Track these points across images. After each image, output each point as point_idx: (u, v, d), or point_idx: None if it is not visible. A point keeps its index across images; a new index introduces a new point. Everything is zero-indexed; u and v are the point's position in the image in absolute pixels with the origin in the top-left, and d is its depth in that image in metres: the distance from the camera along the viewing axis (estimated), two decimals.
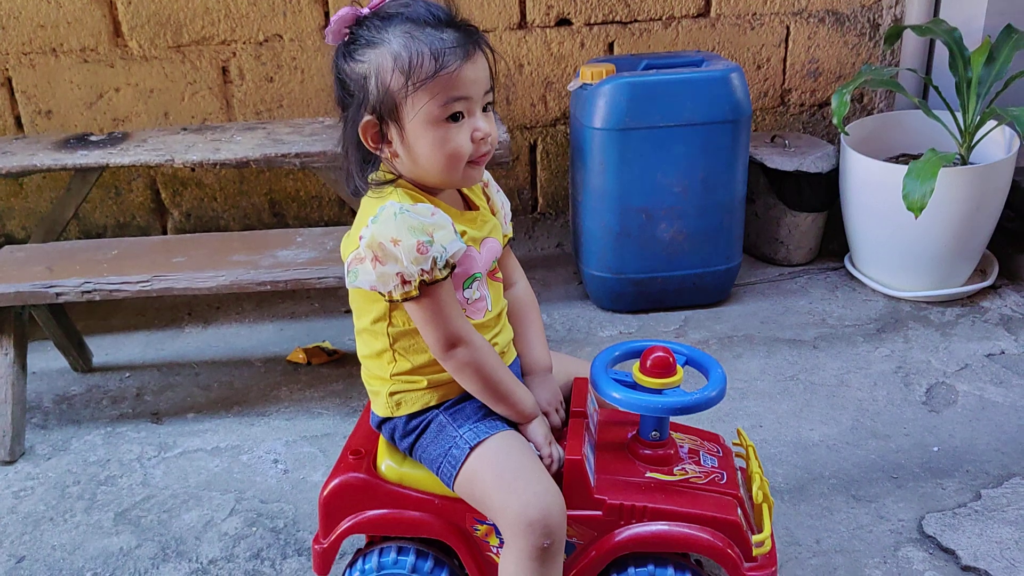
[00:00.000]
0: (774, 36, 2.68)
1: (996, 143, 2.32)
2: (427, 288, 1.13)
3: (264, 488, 1.76)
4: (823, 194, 2.51)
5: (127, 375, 2.21)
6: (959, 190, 2.19)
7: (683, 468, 1.30)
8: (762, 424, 1.87)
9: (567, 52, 2.62)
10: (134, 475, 1.82)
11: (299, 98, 2.59)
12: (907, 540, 1.54)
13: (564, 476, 1.22)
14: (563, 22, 2.59)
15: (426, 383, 1.24)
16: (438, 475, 1.23)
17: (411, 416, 1.26)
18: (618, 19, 2.61)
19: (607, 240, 2.32)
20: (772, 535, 1.28)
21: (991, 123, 2.27)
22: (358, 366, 2.17)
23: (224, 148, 2.05)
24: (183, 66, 2.52)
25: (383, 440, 1.33)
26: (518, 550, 1.15)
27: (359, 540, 1.41)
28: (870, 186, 2.31)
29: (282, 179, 2.69)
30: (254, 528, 1.64)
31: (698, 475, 1.30)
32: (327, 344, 2.29)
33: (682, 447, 1.35)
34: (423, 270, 1.11)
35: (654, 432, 1.30)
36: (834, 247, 2.65)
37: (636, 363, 1.29)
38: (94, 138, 2.15)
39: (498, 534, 1.26)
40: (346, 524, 1.30)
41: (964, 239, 2.27)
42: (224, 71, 2.54)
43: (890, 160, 2.38)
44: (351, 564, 1.33)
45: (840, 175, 2.44)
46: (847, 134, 2.34)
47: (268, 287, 1.84)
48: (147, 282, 1.82)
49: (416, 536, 1.30)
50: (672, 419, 1.38)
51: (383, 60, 1.11)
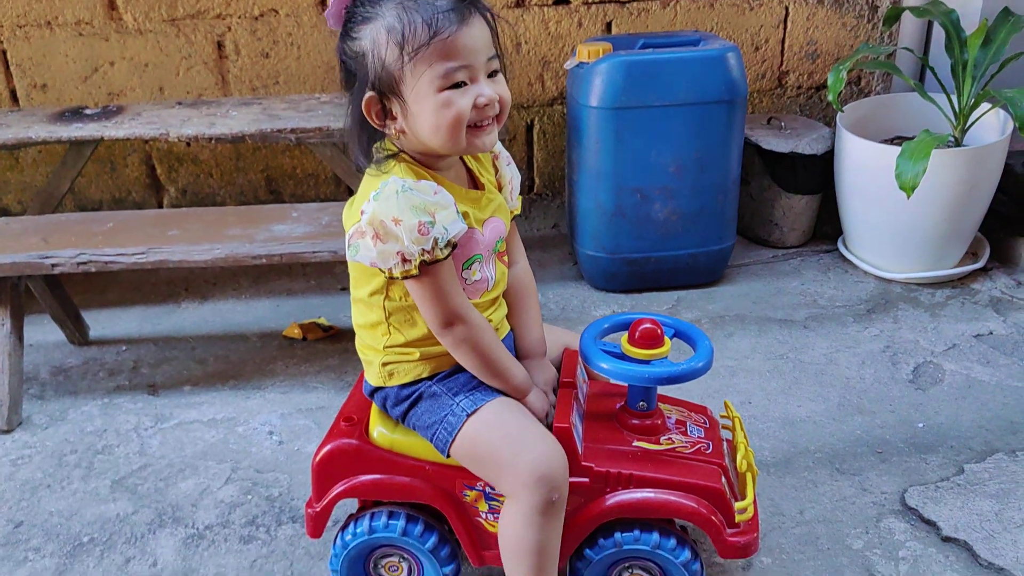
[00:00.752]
0: (772, 17, 2.68)
1: (990, 126, 2.34)
2: (427, 267, 1.14)
3: (259, 458, 1.78)
4: (818, 176, 2.52)
5: (124, 348, 2.23)
6: (952, 172, 2.20)
7: (669, 438, 1.33)
8: (751, 401, 1.90)
9: (564, 31, 2.62)
10: (131, 445, 1.84)
11: (295, 74, 2.59)
12: (889, 512, 1.56)
13: None
14: (561, 1, 2.60)
15: (419, 355, 1.25)
16: (432, 441, 1.25)
17: (403, 386, 1.27)
18: None
19: (601, 219, 2.33)
20: (755, 503, 1.30)
21: (985, 105, 2.28)
22: (353, 342, 2.19)
23: (219, 123, 2.06)
24: (178, 40, 2.52)
25: (375, 408, 1.35)
26: (526, 504, 1.17)
27: (351, 506, 1.43)
28: (864, 167, 2.33)
29: (278, 156, 2.70)
30: (249, 496, 1.67)
31: (684, 445, 1.32)
32: (323, 320, 2.30)
33: (669, 418, 1.38)
34: (424, 250, 1.11)
35: (641, 402, 1.33)
36: (828, 229, 2.66)
37: (625, 335, 1.31)
38: (89, 111, 2.16)
39: (488, 499, 1.29)
40: (338, 489, 1.33)
41: (956, 221, 2.28)
42: (219, 46, 2.54)
43: (885, 142, 2.39)
44: (343, 527, 1.36)
45: (835, 157, 2.45)
46: (842, 110, 2.35)
47: (263, 261, 1.86)
48: (142, 254, 1.83)
49: (407, 501, 1.33)
50: (660, 391, 1.40)
51: (378, 34, 1.11)
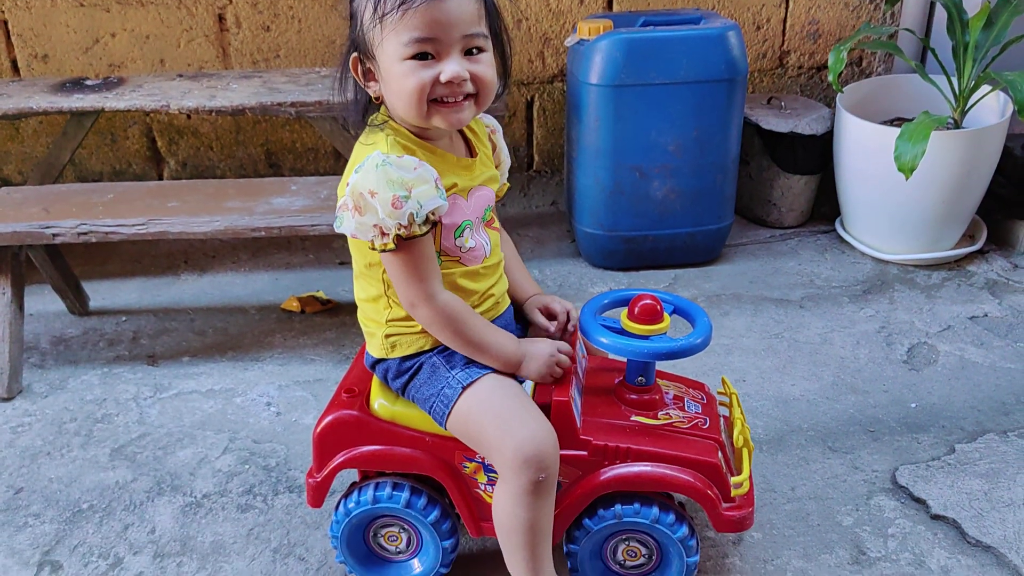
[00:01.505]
0: None
1: (990, 108, 2.34)
2: (403, 243, 1.15)
3: (257, 429, 1.80)
4: (817, 157, 2.53)
5: (123, 319, 2.24)
6: (951, 154, 2.20)
7: (667, 413, 1.34)
8: (745, 379, 1.91)
9: (566, 8, 2.61)
10: (130, 414, 1.85)
11: (296, 48, 2.59)
12: (880, 490, 1.58)
13: (552, 417, 1.25)
14: None
15: (420, 327, 1.26)
16: (430, 414, 1.27)
17: (404, 358, 1.28)
18: None
19: (600, 197, 2.34)
20: (751, 478, 1.32)
21: (986, 88, 2.28)
22: (351, 315, 2.22)
23: (220, 95, 2.06)
24: (179, 12, 2.51)
25: (376, 380, 1.36)
26: (515, 485, 1.18)
27: (350, 476, 1.45)
28: (863, 148, 2.33)
29: (278, 130, 2.70)
30: (247, 466, 1.69)
31: (682, 420, 1.33)
32: (321, 294, 2.32)
33: (667, 393, 1.39)
34: (400, 224, 1.12)
35: (640, 377, 1.34)
36: (826, 210, 2.67)
37: (624, 310, 1.32)
38: (90, 82, 2.16)
39: (487, 471, 1.30)
40: (339, 459, 1.34)
41: (954, 203, 2.29)
42: (220, 19, 2.54)
43: (885, 123, 2.39)
44: (345, 496, 1.37)
45: (834, 137, 2.46)
46: (842, 91, 2.35)
47: (262, 233, 1.86)
48: (142, 225, 1.84)
49: (406, 472, 1.34)
50: (658, 366, 1.41)
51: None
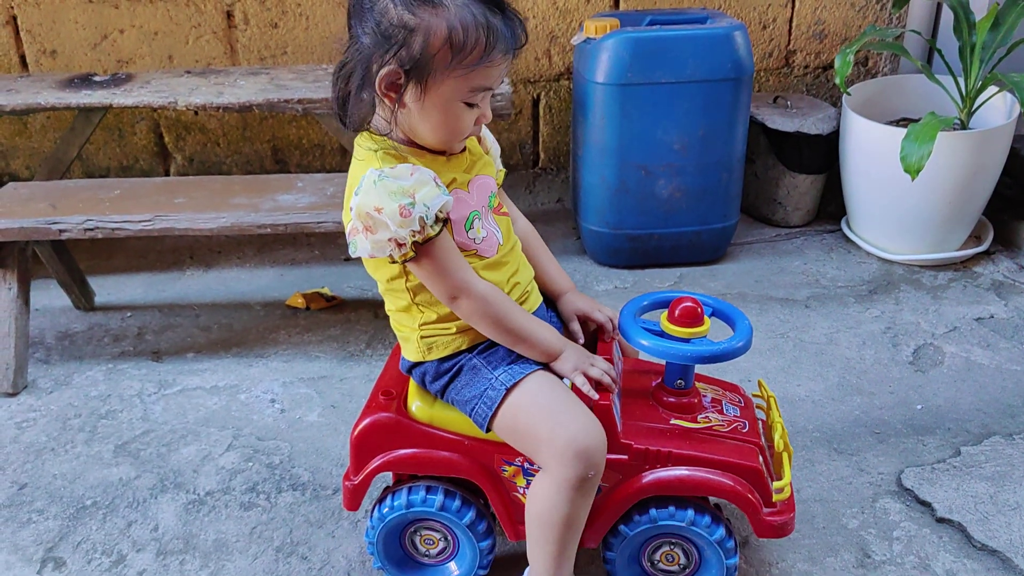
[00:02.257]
0: None
1: (997, 109, 2.33)
2: (422, 247, 1.15)
3: (261, 426, 1.80)
4: (823, 156, 2.52)
5: (128, 315, 2.25)
6: (957, 155, 2.20)
7: (706, 416, 1.33)
8: (750, 379, 1.90)
9: (572, 6, 2.61)
10: (134, 410, 1.86)
11: (304, 45, 2.59)
12: (885, 492, 1.58)
13: None
14: None
15: (455, 328, 1.25)
16: (471, 416, 1.25)
17: (443, 360, 1.27)
18: None
19: (605, 195, 2.34)
20: (791, 483, 1.31)
21: (992, 89, 2.27)
22: (356, 311, 2.22)
23: (227, 92, 2.06)
24: (188, 9, 2.51)
25: (413, 382, 1.35)
26: (561, 478, 1.18)
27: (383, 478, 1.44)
28: (870, 149, 2.32)
29: (285, 126, 2.70)
30: (250, 463, 1.69)
31: (721, 423, 1.32)
32: (326, 290, 2.32)
33: (705, 396, 1.38)
34: (413, 231, 1.12)
35: (679, 380, 1.33)
36: (832, 209, 2.66)
37: (664, 313, 1.31)
38: (98, 78, 2.16)
39: (525, 475, 1.29)
40: (376, 462, 1.33)
41: (960, 204, 2.28)
42: (229, 15, 2.54)
43: (891, 123, 2.38)
44: (380, 501, 1.36)
45: (840, 137, 2.45)
46: (849, 94, 2.35)
47: (268, 230, 1.86)
48: (149, 221, 1.84)
49: (444, 476, 1.33)
50: (696, 369, 1.40)
51: (437, 25, 1.09)
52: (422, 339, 1.27)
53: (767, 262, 2.43)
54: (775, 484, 1.28)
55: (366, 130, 1.21)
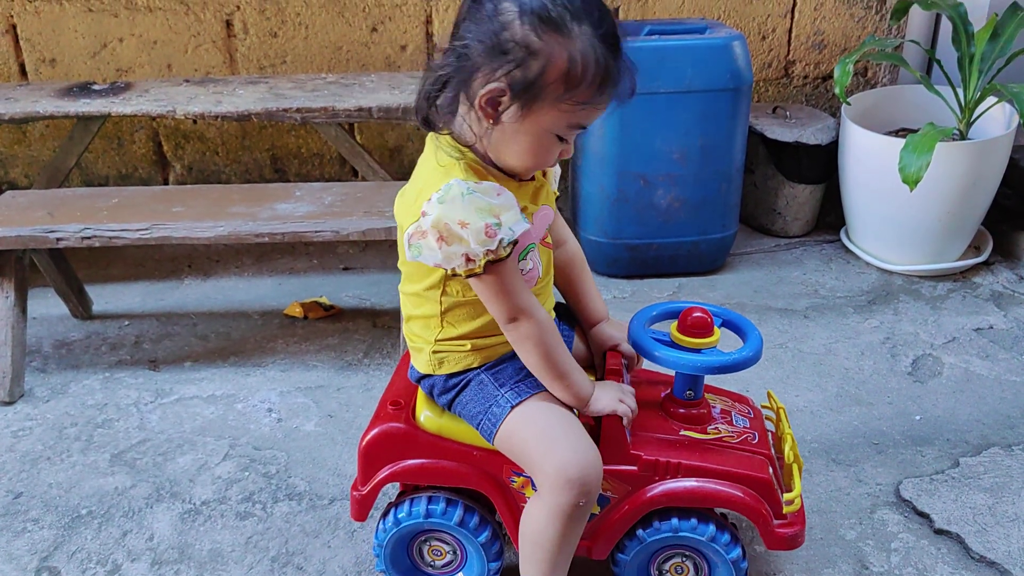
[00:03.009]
0: (780, 6, 2.67)
1: (996, 120, 2.33)
2: (491, 266, 1.12)
3: (258, 435, 1.79)
4: (822, 166, 2.52)
5: (126, 323, 2.24)
6: (956, 165, 2.20)
7: (716, 427, 1.33)
8: (748, 390, 1.89)
9: None
10: (131, 419, 1.85)
11: (303, 54, 2.60)
12: (883, 503, 1.57)
13: (602, 431, 1.24)
14: None
15: (470, 346, 1.24)
16: (478, 430, 1.25)
17: (451, 375, 1.26)
18: None
19: (604, 205, 2.33)
20: (801, 494, 1.31)
21: (991, 99, 2.27)
22: (354, 321, 2.22)
23: (226, 101, 2.06)
24: (187, 18, 2.52)
25: (422, 392, 1.34)
26: (552, 505, 1.17)
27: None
28: (868, 159, 2.32)
29: (284, 135, 2.70)
30: (247, 473, 1.68)
31: (731, 434, 1.32)
32: (324, 299, 2.31)
33: (714, 407, 1.37)
34: (488, 250, 1.10)
35: (688, 391, 1.32)
36: (831, 220, 2.66)
37: (674, 323, 1.31)
38: (97, 87, 2.16)
39: (535, 486, 1.27)
40: (384, 472, 1.31)
41: (959, 215, 2.28)
42: (228, 24, 2.54)
43: (890, 134, 2.38)
44: (386, 512, 1.35)
45: (839, 147, 2.45)
46: (848, 104, 2.35)
47: (266, 239, 1.86)
48: (146, 230, 1.84)
49: (453, 486, 1.32)
50: (705, 379, 1.40)
51: (560, 54, 1.05)
52: (434, 353, 1.26)
53: (766, 272, 2.43)
54: (785, 496, 1.27)
55: (446, 134, 1.16)
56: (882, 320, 2.16)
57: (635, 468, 1.26)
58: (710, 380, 1.44)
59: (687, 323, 1.28)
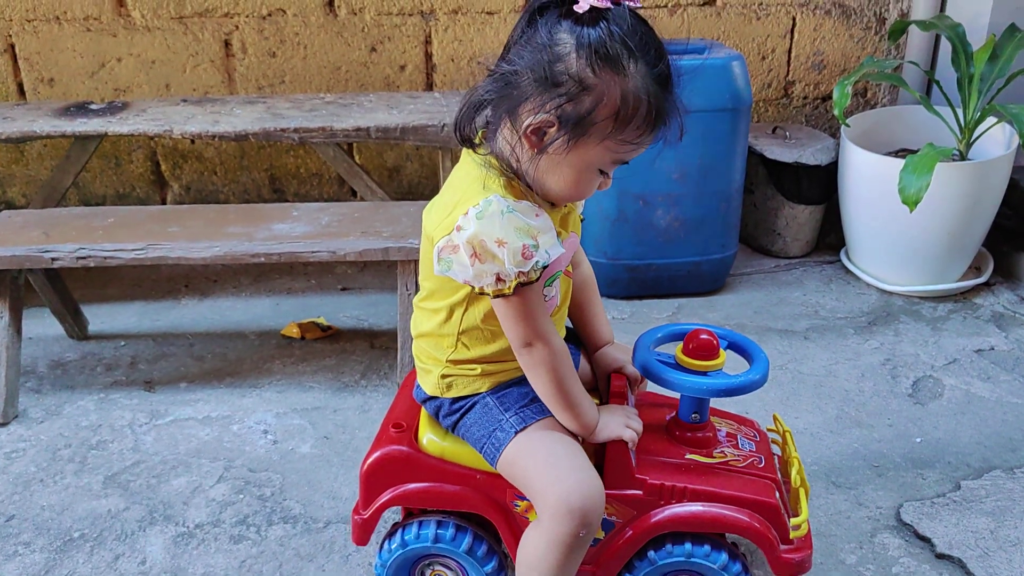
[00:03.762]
0: (780, 27, 2.68)
1: (995, 140, 2.33)
2: (520, 288, 1.10)
3: (253, 457, 1.77)
4: (822, 187, 2.51)
5: (122, 344, 2.23)
6: (956, 186, 2.19)
7: (722, 451, 1.31)
8: (748, 411, 1.88)
9: None
10: (125, 441, 1.83)
11: (302, 74, 2.60)
12: (884, 527, 1.55)
13: (607, 455, 1.23)
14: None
15: (480, 371, 1.23)
16: (481, 453, 1.23)
17: (458, 398, 1.25)
18: None
19: (603, 225, 2.33)
20: (808, 519, 1.29)
21: (991, 120, 2.27)
22: (351, 341, 2.21)
23: (223, 121, 2.06)
24: (185, 38, 2.52)
25: (425, 414, 1.33)
26: (552, 533, 1.15)
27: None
28: (868, 179, 2.32)
29: (283, 155, 2.70)
30: (241, 495, 1.66)
31: (737, 458, 1.30)
32: (322, 320, 2.30)
33: (720, 430, 1.35)
34: (521, 272, 1.08)
35: (694, 414, 1.31)
36: (831, 240, 2.66)
37: (679, 345, 1.29)
38: (94, 107, 2.16)
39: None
40: (386, 496, 1.30)
41: (960, 235, 2.27)
42: (227, 44, 2.55)
43: (890, 154, 2.38)
44: (390, 535, 1.33)
45: (839, 168, 2.44)
46: (848, 125, 2.34)
47: (262, 259, 1.85)
48: (142, 250, 1.83)
49: (456, 510, 1.30)
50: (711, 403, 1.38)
51: (613, 92, 1.04)
52: (443, 377, 1.24)
53: (766, 293, 2.42)
54: (792, 520, 1.25)
55: (485, 153, 1.15)
56: (882, 341, 2.15)
57: (640, 492, 1.24)
58: (715, 403, 1.42)
59: (693, 345, 1.27)
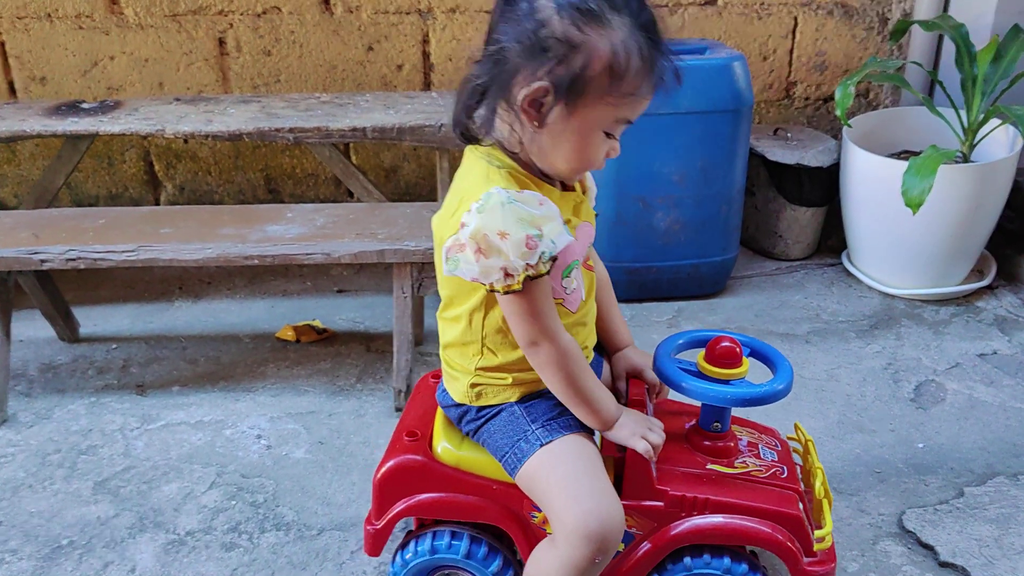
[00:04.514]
0: (781, 27, 2.65)
1: (999, 142, 2.30)
2: (529, 283, 1.07)
3: (246, 463, 1.75)
4: (823, 189, 2.49)
5: (114, 346, 2.20)
6: (959, 188, 2.16)
7: (744, 461, 1.28)
8: (749, 416, 1.85)
9: None
10: (115, 445, 1.81)
11: (297, 73, 2.57)
12: (886, 534, 1.52)
13: (626, 466, 1.20)
14: None
15: (511, 380, 1.20)
16: (501, 463, 1.20)
17: (486, 406, 1.22)
18: None
19: (603, 227, 2.28)
20: (832, 531, 1.26)
21: (994, 121, 2.25)
22: (347, 344, 2.18)
23: (217, 120, 2.03)
24: (179, 36, 2.49)
25: (439, 422, 1.30)
26: (566, 556, 1.11)
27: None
28: (870, 181, 2.29)
29: (278, 155, 2.67)
30: (233, 502, 1.63)
31: (759, 468, 1.27)
32: (317, 323, 2.27)
33: (741, 440, 1.32)
34: (528, 264, 1.05)
35: (716, 423, 1.28)
36: (833, 242, 2.63)
37: (701, 352, 1.27)
38: (86, 106, 2.13)
39: None
40: (400, 506, 1.27)
41: (962, 238, 2.24)
42: (221, 42, 2.52)
43: (892, 156, 2.35)
44: (403, 546, 1.30)
45: (841, 170, 2.42)
46: (850, 126, 2.32)
47: (255, 261, 1.82)
48: (132, 252, 1.80)
49: (471, 521, 1.28)
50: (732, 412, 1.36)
51: (602, 46, 1.02)
52: (472, 386, 1.21)
53: (767, 296, 2.39)
54: (816, 533, 1.23)
55: (488, 145, 1.13)
56: (884, 345, 2.12)
57: (661, 504, 1.21)
58: (736, 411, 1.39)
59: (715, 353, 1.23)
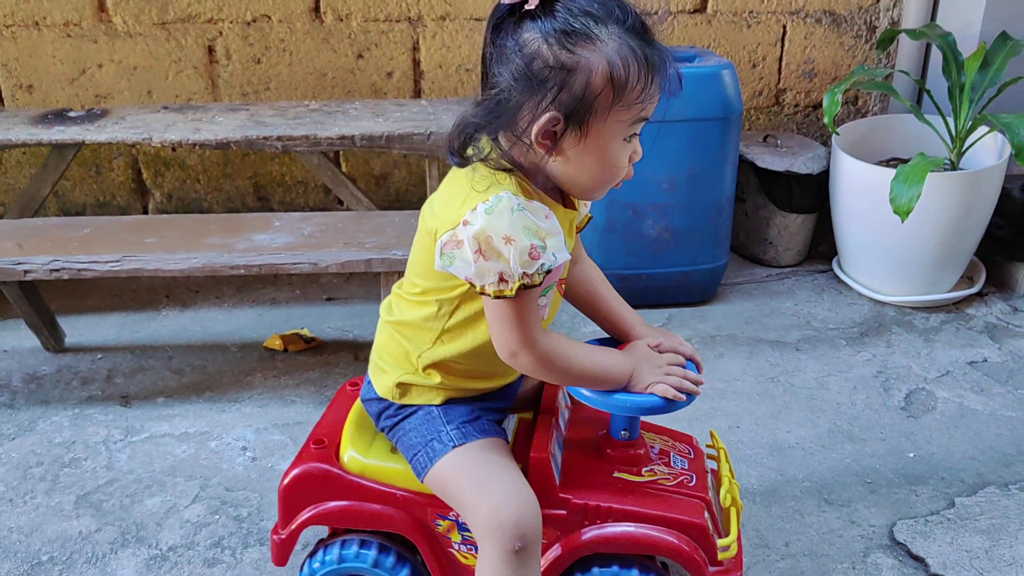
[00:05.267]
0: (770, 35, 2.65)
1: (987, 149, 2.30)
2: (521, 291, 1.06)
3: (230, 475, 1.73)
4: (813, 196, 2.48)
5: (99, 356, 2.18)
6: (948, 195, 2.16)
7: (652, 469, 1.27)
8: (739, 425, 1.85)
9: None
10: (99, 458, 1.79)
11: (287, 81, 2.56)
12: (877, 546, 1.51)
13: (529, 474, 1.19)
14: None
15: (437, 381, 1.19)
16: (411, 462, 1.20)
17: (407, 405, 1.22)
18: None
19: (592, 235, 2.29)
20: (739, 540, 1.25)
21: (982, 129, 2.24)
22: (335, 354, 2.16)
23: (205, 128, 2.02)
24: (168, 44, 2.48)
25: (347, 430, 1.30)
26: (491, 553, 1.12)
27: (318, 530, 1.38)
28: (859, 189, 2.29)
29: (267, 163, 2.66)
30: (217, 516, 1.62)
31: (667, 476, 1.27)
32: (305, 331, 2.26)
33: (652, 447, 1.32)
34: (525, 273, 1.04)
35: (624, 431, 1.27)
36: (823, 249, 2.63)
37: None
38: (72, 114, 2.12)
39: (460, 529, 1.24)
40: (305, 515, 1.27)
41: (952, 245, 2.24)
42: (210, 50, 2.50)
43: (881, 163, 2.35)
44: (311, 555, 1.30)
45: (830, 177, 2.41)
46: (838, 134, 2.32)
47: (241, 271, 1.81)
48: (117, 262, 1.79)
49: (377, 529, 1.28)
50: (644, 419, 1.35)
51: (598, 62, 1.02)
52: (399, 384, 1.21)
53: (757, 303, 2.38)
54: (720, 541, 1.22)
55: (494, 167, 1.10)
56: (875, 353, 2.12)
57: (564, 512, 1.21)
58: (656, 419, 1.38)
59: None
